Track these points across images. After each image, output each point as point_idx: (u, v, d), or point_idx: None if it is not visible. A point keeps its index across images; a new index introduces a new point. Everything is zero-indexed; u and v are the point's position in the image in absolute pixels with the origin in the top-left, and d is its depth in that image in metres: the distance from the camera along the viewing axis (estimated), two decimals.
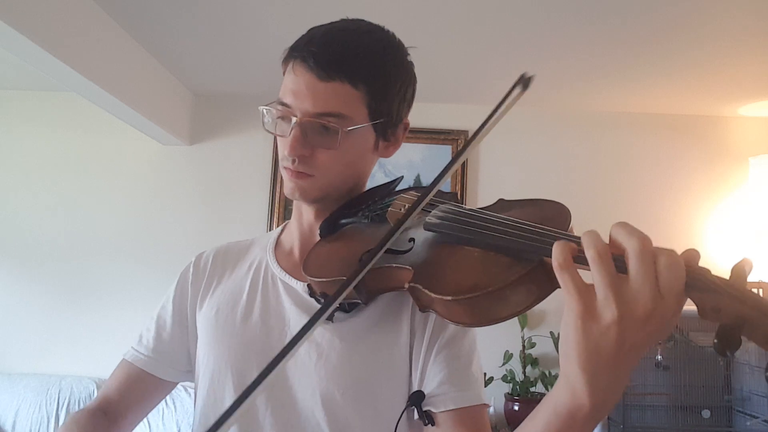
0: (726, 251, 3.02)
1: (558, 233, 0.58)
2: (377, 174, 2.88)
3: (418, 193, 0.83)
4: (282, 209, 3.14)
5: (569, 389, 0.51)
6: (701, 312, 0.48)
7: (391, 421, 0.77)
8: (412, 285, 0.66)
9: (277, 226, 2.42)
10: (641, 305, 0.47)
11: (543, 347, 2.91)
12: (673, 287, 0.47)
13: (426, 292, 0.63)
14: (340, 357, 0.79)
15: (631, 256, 0.48)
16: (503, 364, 2.86)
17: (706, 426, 2.62)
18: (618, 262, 0.49)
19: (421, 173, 3.09)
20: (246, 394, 0.53)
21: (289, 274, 0.89)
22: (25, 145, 3.24)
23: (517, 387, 2.82)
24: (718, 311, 0.47)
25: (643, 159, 3.19)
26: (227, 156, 3.24)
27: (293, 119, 0.78)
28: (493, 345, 2.85)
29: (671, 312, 0.48)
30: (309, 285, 0.81)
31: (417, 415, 0.76)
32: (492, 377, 2.72)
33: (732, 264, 0.50)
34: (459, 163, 0.70)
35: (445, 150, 3.14)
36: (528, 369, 2.88)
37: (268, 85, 0.81)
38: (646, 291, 0.47)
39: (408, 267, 0.68)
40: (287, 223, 0.98)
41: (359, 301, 0.76)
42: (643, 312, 0.47)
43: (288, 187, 0.84)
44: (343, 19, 0.84)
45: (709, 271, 0.49)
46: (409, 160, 3.09)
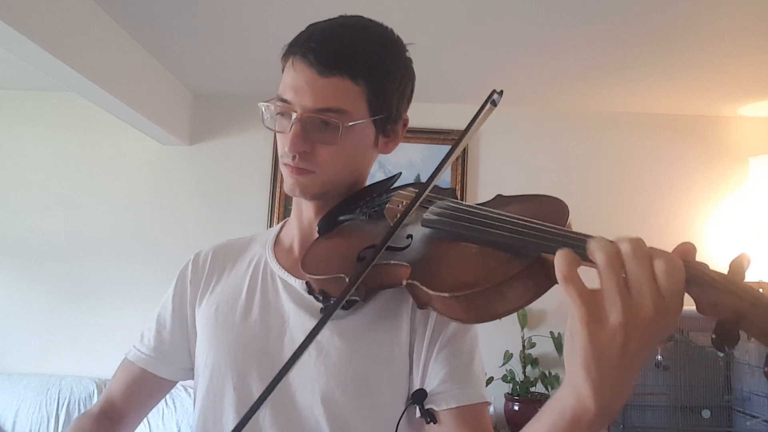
0: (726, 251, 3.01)
1: (556, 229, 0.58)
2: (377, 174, 2.88)
3: (415, 190, 0.83)
4: (282, 209, 3.14)
5: (575, 394, 0.51)
6: (699, 307, 0.48)
7: (391, 419, 0.77)
8: (409, 282, 0.66)
9: None
10: (644, 308, 0.47)
11: (543, 347, 2.91)
12: (673, 288, 0.47)
13: (423, 289, 0.63)
14: (339, 355, 0.79)
15: (627, 257, 0.48)
16: (503, 364, 2.86)
17: (706, 426, 2.62)
18: None
19: (421, 173, 3.09)
20: (255, 407, 0.54)
21: (288, 271, 0.89)
22: (25, 145, 3.24)
23: (517, 387, 2.82)
24: (715, 306, 0.47)
25: (643, 159, 3.19)
26: (227, 156, 3.24)
27: (293, 115, 0.78)
28: (493, 345, 2.85)
29: (674, 310, 0.48)
30: (307, 282, 0.81)
31: (419, 413, 0.76)
32: (492, 377, 2.72)
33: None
34: (448, 164, 0.71)
35: (445, 150, 3.10)
36: (528, 369, 2.88)
37: (268, 85, 0.81)
38: (646, 293, 0.47)
39: (405, 264, 0.68)
40: (287, 220, 0.98)
41: (358, 299, 0.76)
42: (647, 314, 0.47)
43: (288, 184, 0.83)
44: (342, 16, 0.84)
45: (707, 266, 0.49)
46: (409, 159, 3.09)
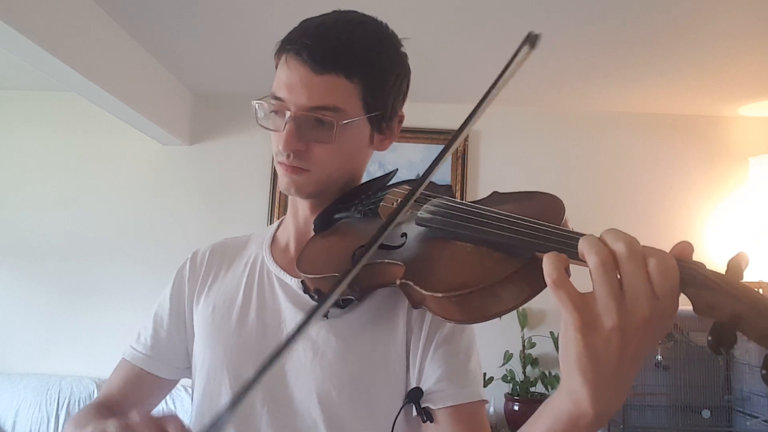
0: (726, 251, 3.01)
1: (550, 228, 0.57)
2: (377, 173, 2.87)
3: (410, 187, 0.83)
4: (282, 209, 3.14)
5: (572, 399, 0.50)
6: (696, 308, 0.47)
7: (388, 419, 0.77)
8: (403, 281, 0.65)
9: None
10: (639, 310, 0.46)
11: (543, 347, 2.91)
12: (667, 288, 0.46)
13: (417, 288, 0.62)
14: (335, 354, 0.78)
15: (621, 258, 0.47)
16: (503, 364, 2.86)
17: (706, 426, 2.62)
18: None
19: (421, 173, 3.07)
20: (241, 393, 0.53)
21: (285, 270, 0.88)
22: (25, 145, 3.24)
23: (517, 387, 2.82)
24: (712, 308, 0.46)
25: (643, 159, 3.19)
26: (227, 156, 3.24)
27: (287, 113, 0.77)
28: (493, 345, 2.85)
29: (669, 311, 0.47)
30: (303, 281, 0.81)
31: (415, 412, 0.76)
32: (492, 377, 2.72)
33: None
34: (457, 144, 0.67)
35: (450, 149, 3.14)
36: (528, 369, 2.88)
37: (268, 85, 0.81)
38: (641, 295, 0.46)
39: (399, 263, 0.67)
40: (284, 219, 0.97)
41: (352, 298, 0.75)
42: (642, 317, 0.46)
43: (283, 183, 0.82)
44: (336, 11, 0.82)
45: (704, 266, 0.48)
46: (409, 159, 3.09)
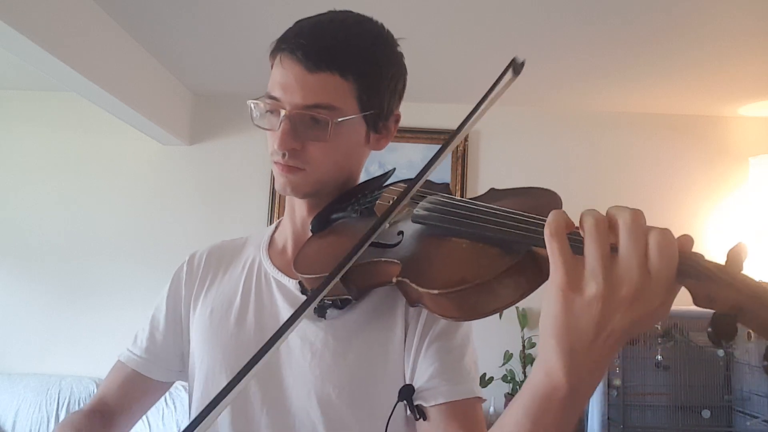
0: (726, 251, 3.01)
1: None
2: (377, 174, 2.88)
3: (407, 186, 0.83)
4: (282, 209, 3.14)
5: (546, 369, 0.50)
6: (695, 300, 0.46)
7: (386, 418, 0.76)
8: (399, 279, 0.65)
9: None
10: (628, 283, 0.45)
11: None
12: (663, 267, 0.45)
13: (413, 286, 0.62)
14: (334, 356, 0.78)
15: (622, 228, 0.46)
16: (503, 364, 2.86)
17: (706, 426, 2.62)
18: (611, 246, 0.47)
19: None
20: (233, 383, 0.52)
21: (282, 271, 0.88)
22: (25, 145, 3.24)
23: (517, 387, 2.82)
24: (712, 299, 0.45)
25: (643, 159, 3.19)
26: (227, 156, 3.24)
27: (282, 112, 0.77)
28: (493, 345, 2.85)
29: (660, 298, 0.46)
30: (300, 282, 0.81)
31: (408, 410, 0.75)
32: (492, 377, 2.72)
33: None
34: (444, 155, 0.68)
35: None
36: (528, 369, 2.88)
37: (268, 85, 0.81)
38: (633, 267, 0.45)
39: (396, 261, 0.67)
40: (281, 220, 0.97)
41: (350, 298, 0.75)
42: (629, 291, 0.45)
43: (279, 183, 0.82)
44: (331, 11, 0.82)
45: (703, 257, 0.47)
46: (409, 160, 3.09)
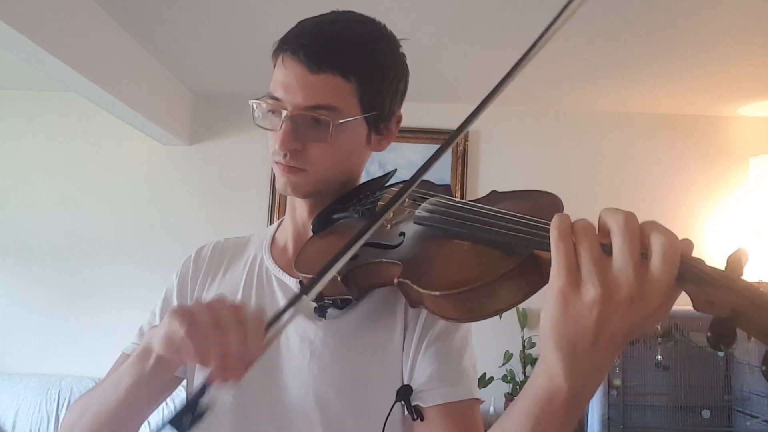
0: (726, 251, 3.01)
1: (548, 225, 0.57)
2: (377, 174, 2.88)
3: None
4: (282, 209, 3.14)
5: (547, 372, 0.50)
6: (695, 305, 0.46)
7: (384, 419, 0.76)
8: (400, 280, 0.65)
9: None
10: (625, 285, 0.45)
11: None
12: (665, 271, 0.45)
13: (415, 287, 0.62)
14: (333, 355, 0.78)
15: (614, 230, 0.47)
16: (503, 364, 2.86)
17: (706, 426, 2.62)
18: (606, 248, 0.47)
19: None
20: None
21: (284, 270, 0.88)
22: (25, 145, 3.24)
23: (517, 387, 2.82)
24: (712, 304, 0.45)
25: (643, 159, 3.19)
26: (227, 156, 3.24)
27: (284, 113, 0.77)
28: (493, 345, 2.85)
29: (659, 299, 0.46)
30: (301, 281, 0.81)
31: (405, 410, 0.75)
32: (492, 377, 2.72)
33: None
34: (463, 132, 0.67)
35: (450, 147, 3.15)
36: (528, 369, 2.87)
37: (268, 85, 0.81)
38: (629, 269, 0.45)
39: (397, 262, 0.67)
40: (283, 220, 0.97)
41: (350, 298, 0.75)
42: (627, 293, 0.45)
43: (280, 183, 0.82)
44: (333, 11, 0.83)
45: (703, 262, 0.47)
46: (409, 160, 3.09)
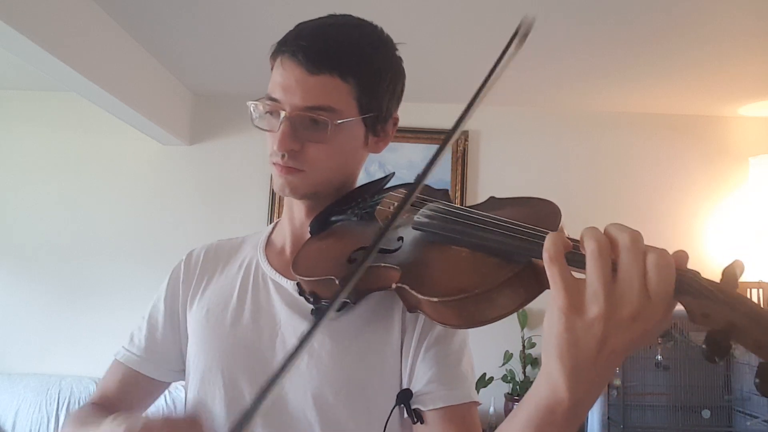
0: (726, 251, 3.01)
1: (547, 234, 0.57)
2: (377, 174, 2.88)
3: (407, 191, 0.83)
4: (282, 209, 3.14)
5: (549, 384, 0.51)
6: (690, 316, 0.47)
7: (383, 420, 0.77)
8: (399, 285, 0.65)
9: None
10: (628, 304, 0.46)
11: None
12: (662, 288, 0.46)
13: (413, 293, 0.62)
14: (331, 357, 0.78)
15: (622, 249, 0.47)
16: (503, 364, 2.86)
17: (706, 426, 2.62)
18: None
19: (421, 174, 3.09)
20: (249, 413, 0.51)
21: (280, 272, 0.88)
22: (25, 145, 3.24)
23: (517, 387, 2.82)
24: (707, 317, 0.46)
25: (643, 159, 3.19)
26: (227, 156, 3.24)
27: (282, 114, 0.77)
28: (493, 345, 2.85)
29: (658, 316, 0.47)
30: (298, 284, 0.81)
31: (406, 414, 0.76)
32: (492, 377, 2.72)
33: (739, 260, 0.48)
34: (447, 147, 0.68)
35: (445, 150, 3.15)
36: (528, 369, 2.88)
37: (268, 86, 0.81)
38: (634, 288, 0.46)
39: (396, 267, 0.67)
40: (279, 221, 0.97)
41: (348, 301, 0.75)
42: (630, 312, 0.46)
43: (278, 183, 0.83)
44: (331, 15, 0.83)
45: (699, 274, 0.48)
46: (409, 160, 3.09)
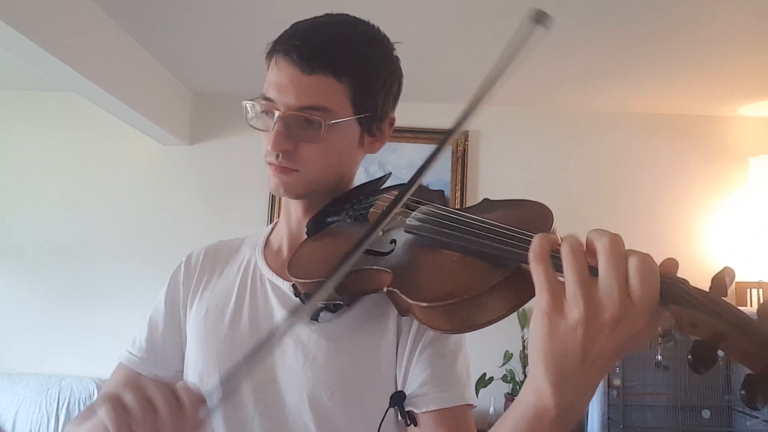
0: (726, 251, 3.02)
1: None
2: (377, 174, 2.88)
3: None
4: (282, 209, 3.14)
5: (535, 390, 0.51)
6: (678, 325, 0.46)
7: (378, 422, 0.77)
8: (390, 289, 0.65)
9: None
10: (609, 308, 0.46)
11: None
12: (645, 293, 0.45)
13: (403, 297, 0.62)
14: (326, 358, 0.78)
15: (600, 252, 0.47)
16: (503, 364, 2.86)
17: (706, 426, 2.62)
18: (592, 269, 0.48)
19: None
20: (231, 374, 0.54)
21: (277, 273, 0.88)
22: (25, 145, 3.24)
23: (517, 387, 2.82)
24: (694, 326, 0.45)
25: (643, 159, 3.19)
26: (227, 156, 3.24)
27: (276, 113, 0.77)
28: (493, 345, 2.85)
29: (643, 322, 0.46)
30: (294, 285, 0.81)
31: (399, 416, 0.76)
32: (492, 377, 2.72)
33: (730, 266, 0.48)
34: (444, 147, 0.67)
35: (445, 150, 3.15)
36: (528, 369, 2.87)
37: None
38: (614, 291, 0.46)
39: (387, 270, 0.67)
40: (277, 222, 0.97)
41: (341, 303, 0.75)
42: (611, 316, 0.46)
43: (273, 183, 0.83)
44: (327, 14, 0.83)
45: (687, 282, 0.47)
46: (409, 160, 3.10)
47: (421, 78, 2.70)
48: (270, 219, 3.16)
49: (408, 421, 0.75)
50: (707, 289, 0.47)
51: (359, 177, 0.93)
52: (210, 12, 2.23)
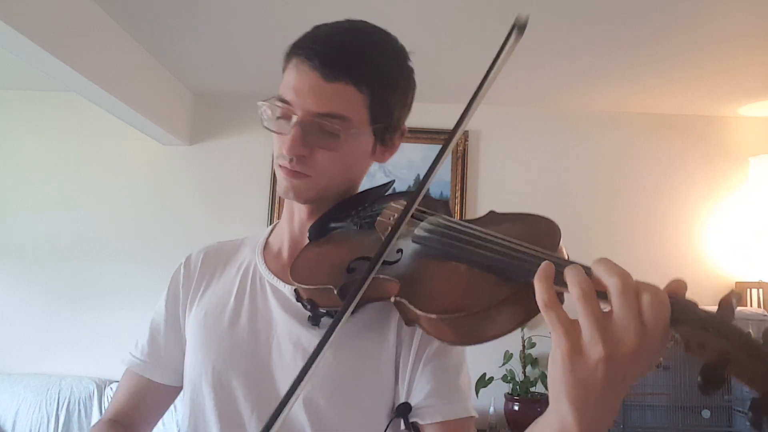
0: (726, 251, 3.01)
1: (546, 255, 0.57)
2: (377, 174, 2.88)
3: (407, 202, 0.82)
4: (282, 209, 3.14)
5: (559, 420, 0.51)
6: (686, 346, 0.47)
7: (375, 428, 0.77)
8: (397, 299, 0.65)
9: None
10: (627, 342, 0.47)
11: (543, 347, 2.91)
12: (658, 323, 0.47)
13: (411, 308, 0.62)
14: (325, 364, 0.78)
15: (613, 294, 0.47)
16: (503, 364, 2.86)
17: (706, 426, 2.62)
18: (601, 297, 0.48)
19: (421, 173, 3.09)
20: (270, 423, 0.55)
21: (277, 276, 0.88)
22: (25, 145, 3.24)
23: (517, 387, 2.82)
24: (703, 348, 0.46)
25: (643, 159, 3.19)
26: (227, 156, 3.24)
27: (294, 117, 0.77)
28: (493, 345, 2.80)
29: (658, 345, 0.48)
30: (296, 290, 0.80)
31: (404, 426, 0.76)
32: (492, 377, 2.72)
33: (731, 272, 0.48)
34: (448, 152, 0.69)
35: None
36: (528, 369, 2.88)
37: (268, 85, 0.81)
38: (630, 328, 0.47)
39: (395, 280, 0.67)
40: (277, 223, 0.96)
41: None
42: (629, 349, 0.47)
43: (282, 186, 0.82)
44: (348, 20, 0.83)
45: (696, 305, 0.48)
46: (409, 160, 3.09)
47: (421, 78, 2.69)
48: (270, 219, 3.16)
49: None
50: (714, 310, 0.48)
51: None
52: (210, 12, 2.23)
